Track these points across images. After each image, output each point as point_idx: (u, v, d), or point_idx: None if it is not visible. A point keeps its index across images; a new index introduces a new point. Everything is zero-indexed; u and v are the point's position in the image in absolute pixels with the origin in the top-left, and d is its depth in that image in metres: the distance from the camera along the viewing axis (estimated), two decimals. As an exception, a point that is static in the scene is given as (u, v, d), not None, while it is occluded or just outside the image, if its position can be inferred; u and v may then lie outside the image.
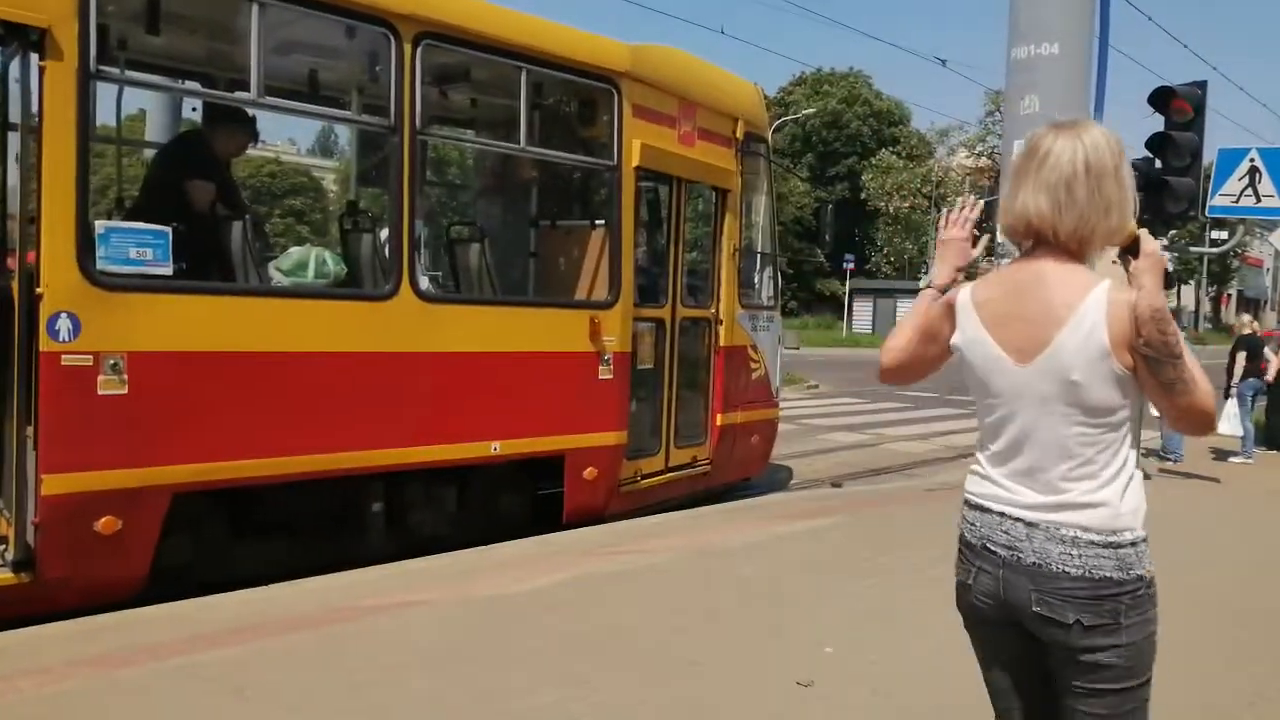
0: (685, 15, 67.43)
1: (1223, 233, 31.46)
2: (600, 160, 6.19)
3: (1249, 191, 9.43)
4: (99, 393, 3.96)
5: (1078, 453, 1.75)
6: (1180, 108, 7.72)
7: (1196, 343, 23.78)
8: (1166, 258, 1.88)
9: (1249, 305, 56.72)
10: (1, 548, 4.09)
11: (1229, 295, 63.99)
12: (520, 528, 5.80)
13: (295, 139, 50.36)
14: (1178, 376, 1.69)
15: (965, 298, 1.90)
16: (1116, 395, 1.73)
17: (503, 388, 5.44)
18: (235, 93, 5.58)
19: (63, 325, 3.85)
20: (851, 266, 40.19)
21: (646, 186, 6.66)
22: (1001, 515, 1.82)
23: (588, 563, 5.15)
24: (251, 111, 5.11)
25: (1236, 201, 9.54)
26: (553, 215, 7.08)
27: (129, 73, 5.55)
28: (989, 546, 1.83)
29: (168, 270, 4.18)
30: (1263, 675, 3.92)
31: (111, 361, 3.98)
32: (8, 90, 4.66)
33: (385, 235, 5.27)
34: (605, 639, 4.03)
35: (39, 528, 3.91)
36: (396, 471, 5.08)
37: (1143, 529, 1.75)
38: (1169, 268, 1.95)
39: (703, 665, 3.74)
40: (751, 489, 8.17)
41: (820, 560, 5.47)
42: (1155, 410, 1.84)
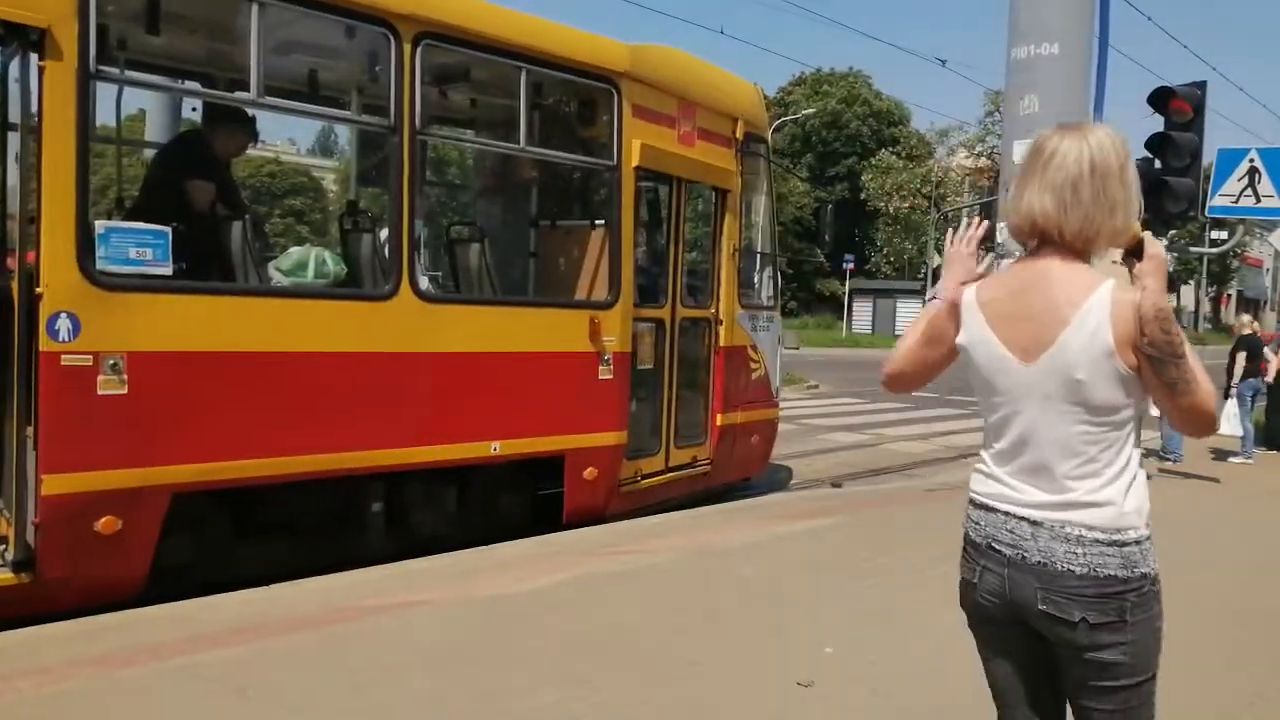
0: (685, 15, 67.57)
1: (1222, 233, 31.46)
2: (600, 160, 6.19)
3: (1249, 192, 9.43)
4: (99, 393, 3.96)
5: (1082, 451, 1.76)
6: (1180, 108, 7.72)
7: (1196, 343, 23.77)
8: (1169, 260, 1.89)
9: (1249, 305, 56.71)
10: (1, 548, 4.09)
11: (1229, 295, 64.01)
12: (520, 528, 5.80)
13: (295, 139, 50.45)
14: (1180, 376, 1.70)
15: (970, 297, 1.91)
16: (1120, 394, 1.74)
17: (503, 388, 5.44)
18: (235, 93, 5.59)
19: (62, 325, 3.85)
20: (851, 267, 40.21)
21: (646, 186, 6.66)
22: (1007, 514, 1.83)
23: (589, 563, 5.14)
24: (251, 111, 5.11)
25: (1236, 202, 9.55)
26: (553, 215, 7.08)
27: (129, 73, 5.55)
28: (994, 546, 1.84)
29: (167, 270, 4.18)
30: (1263, 675, 3.92)
31: (111, 361, 3.98)
32: (8, 90, 4.65)
33: (385, 235, 5.27)
34: (606, 639, 4.03)
35: (39, 528, 3.91)
36: (396, 472, 5.08)
37: (1146, 527, 1.77)
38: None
39: (703, 665, 3.74)
40: (751, 489, 8.17)
41: (820, 560, 5.48)
42: (1155, 410, 1.85)
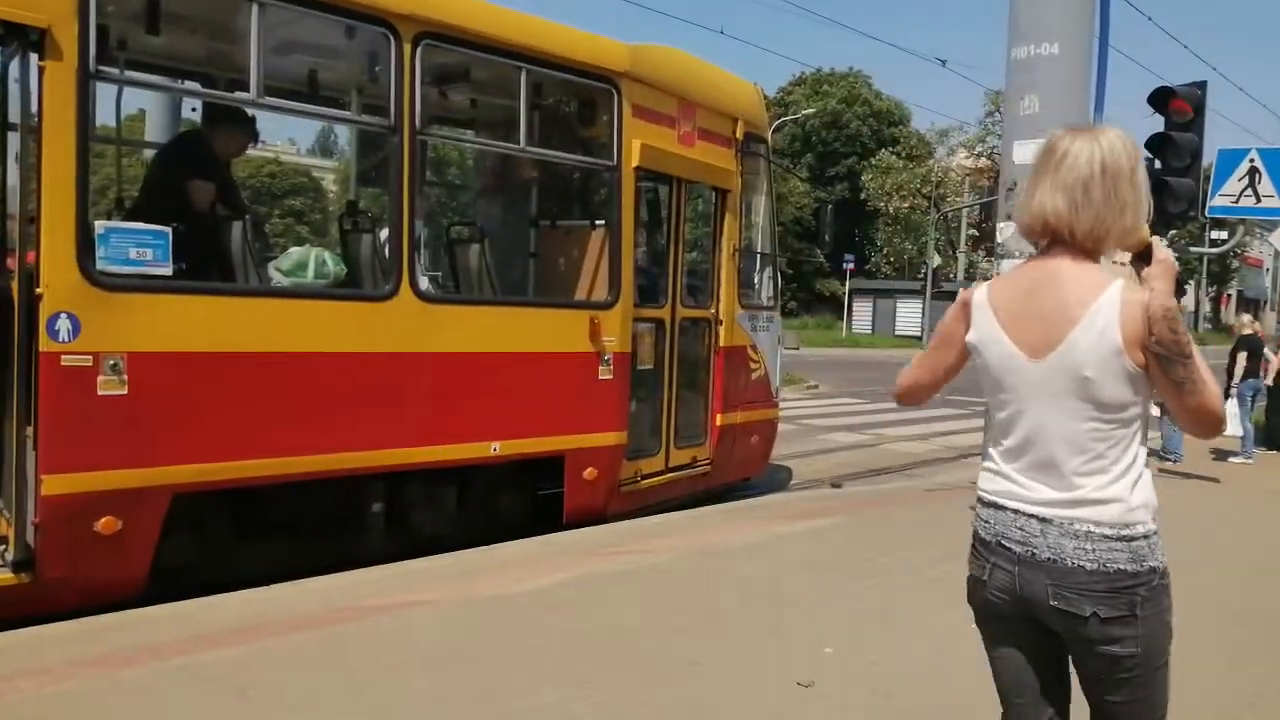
0: (685, 15, 67.63)
1: (1222, 233, 31.44)
2: (600, 160, 6.19)
3: (1249, 192, 9.44)
4: (99, 393, 3.96)
5: (1089, 448, 1.78)
6: (1180, 108, 7.71)
7: (1197, 343, 23.79)
8: (1177, 265, 1.93)
9: (1249, 305, 56.63)
10: (1, 548, 4.09)
11: (1229, 295, 64.01)
12: (520, 528, 5.80)
13: (295, 139, 50.44)
14: (1188, 376, 1.73)
15: (981, 296, 1.94)
16: (1128, 392, 1.77)
17: (503, 388, 5.44)
18: (235, 93, 5.58)
19: (62, 325, 3.85)
20: (851, 267, 40.19)
21: (646, 187, 6.66)
22: (1016, 512, 1.86)
23: (589, 563, 5.14)
24: (251, 111, 5.11)
25: (1236, 202, 9.55)
26: (553, 215, 7.08)
27: (129, 73, 5.55)
28: (1004, 543, 1.86)
29: (167, 270, 4.17)
30: (1263, 675, 3.92)
31: (111, 362, 3.98)
32: (8, 90, 4.65)
33: (385, 235, 5.27)
34: (606, 639, 4.03)
35: (39, 528, 3.90)
36: (396, 472, 5.08)
37: (1154, 521, 1.79)
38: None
39: (703, 665, 3.74)
40: (751, 489, 8.17)
41: (820, 560, 5.47)
42: (1155, 410, 1.87)
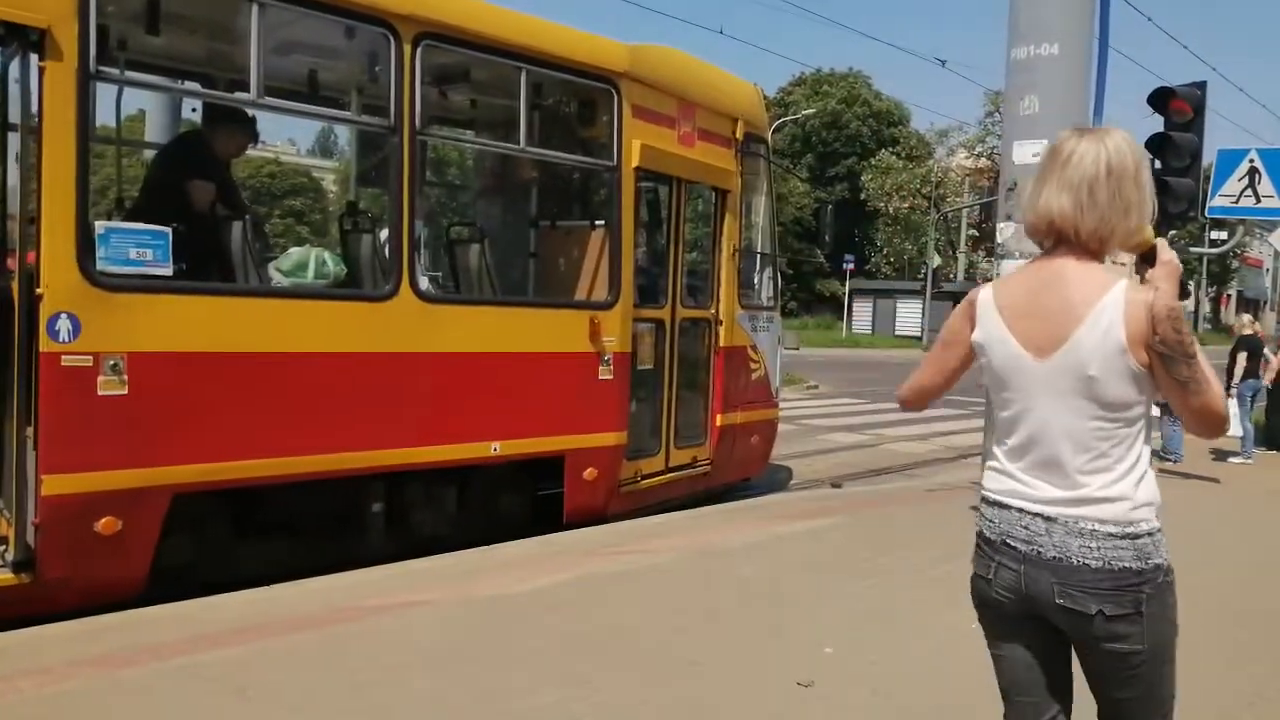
0: (684, 15, 67.68)
1: (1222, 233, 31.44)
2: (600, 161, 6.19)
3: (1249, 192, 9.44)
4: (99, 393, 3.96)
5: (1093, 446, 1.80)
6: (1179, 108, 7.71)
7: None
8: (1181, 266, 1.95)
9: (1249, 306, 56.62)
10: (2, 548, 4.09)
11: (1229, 296, 63.98)
12: (520, 528, 5.80)
13: (295, 139, 50.43)
14: (1191, 376, 1.74)
15: (986, 295, 1.95)
16: (1132, 391, 1.78)
17: (503, 388, 5.44)
18: (235, 93, 5.59)
19: (63, 326, 3.85)
20: (851, 267, 40.18)
21: (646, 187, 6.66)
22: (1021, 511, 1.87)
23: (590, 563, 5.15)
24: (251, 112, 5.11)
25: (1236, 202, 9.55)
26: (552, 216, 7.08)
27: (129, 73, 5.55)
28: (1009, 542, 1.87)
29: (168, 271, 4.18)
30: (1262, 675, 3.92)
31: (111, 362, 3.98)
32: (8, 90, 4.65)
33: (385, 236, 5.27)
34: (606, 639, 4.03)
35: (39, 528, 3.90)
36: (396, 472, 5.08)
37: (1157, 519, 1.81)
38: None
39: (703, 665, 3.74)
40: (751, 489, 8.17)
41: (820, 560, 5.47)
42: (1155, 410, 1.88)
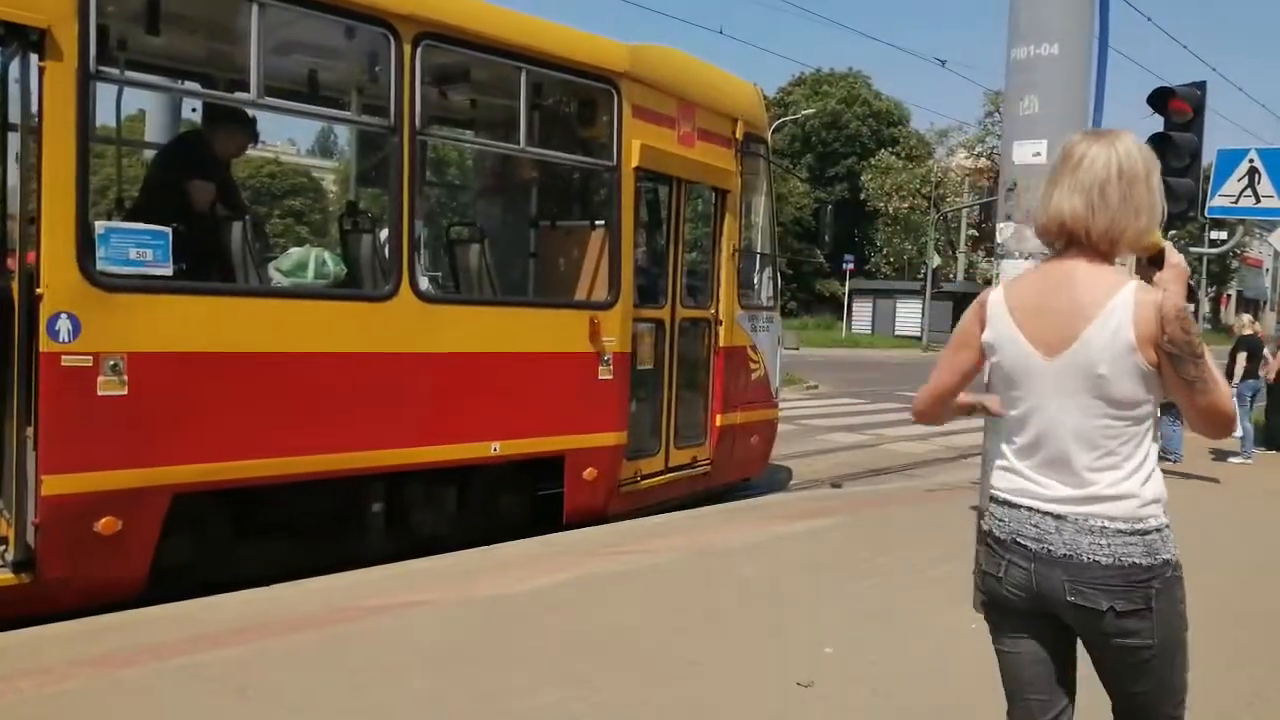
0: (684, 15, 67.66)
1: (1222, 233, 31.40)
2: (600, 161, 6.19)
3: (1248, 192, 9.44)
4: (99, 393, 3.96)
5: (1102, 444, 1.83)
6: (1179, 108, 7.71)
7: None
8: (1188, 269, 1.98)
9: (1248, 306, 56.58)
10: (2, 548, 4.09)
11: (1228, 296, 63.99)
12: (520, 528, 5.80)
13: (295, 139, 50.44)
14: (1199, 375, 1.77)
15: (998, 296, 1.98)
16: (1141, 389, 1.81)
17: (503, 388, 5.44)
18: (235, 93, 5.59)
19: (63, 326, 3.85)
20: (851, 267, 40.18)
21: (646, 187, 6.66)
22: (1030, 510, 1.89)
23: (590, 563, 5.15)
24: (251, 112, 5.11)
25: (1236, 202, 9.55)
26: (552, 216, 7.08)
27: (129, 73, 5.55)
28: (1019, 540, 1.89)
29: (168, 271, 4.18)
30: (1262, 675, 3.92)
31: (111, 362, 3.98)
32: (8, 90, 4.65)
33: (385, 236, 5.27)
34: (606, 639, 4.03)
35: (39, 528, 3.90)
36: (396, 472, 5.08)
37: (1165, 515, 1.84)
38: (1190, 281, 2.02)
39: (703, 665, 3.75)
40: (751, 489, 8.17)
41: (820, 560, 5.48)
42: (1158, 410, 1.89)
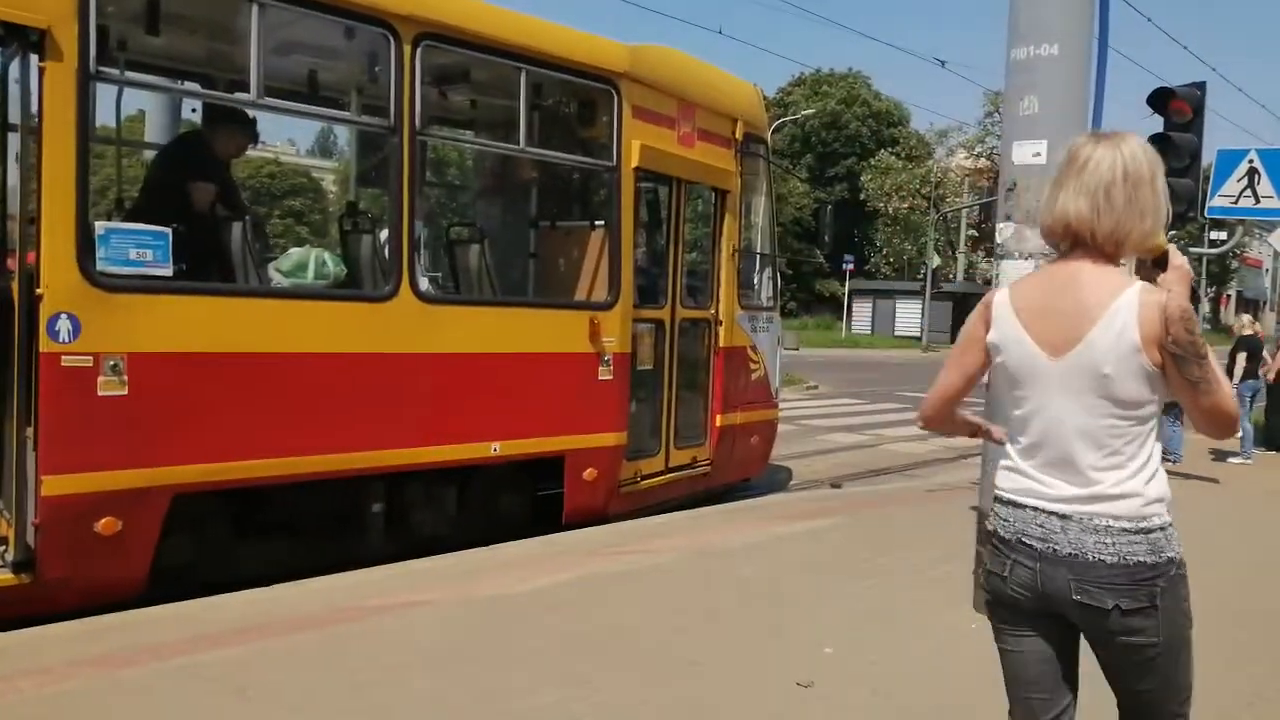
0: (684, 15, 67.68)
1: (1222, 233, 31.44)
2: (600, 161, 6.19)
3: (1248, 192, 9.44)
4: (99, 394, 3.96)
5: (1107, 443, 1.84)
6: (1179, 109, 7.71)
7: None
8: (1192, 272, 1.99)
9: (1248, 306, 56.60)
10: (2, 549, 4.09)
11: (1228, 296, 64.00)
12: (520, 528, 5.80)
13: (295, 139, 50.44)
14: (1203, 376, 1.79)
15: (1003, 297, 1.99)
16: (1145, 390, 1.82)
17: (503, 388, 5.44)
18: (235, 93, 5.59)
19: (63, 326, 3.85)
20: (851, 267, 40.16)
21: (646, 187, 6.66)
22: (1035, 510, 1.90)
23: (590, 563, 5.15)
24: (251, 112, 5.11)
25: (1235, 202, 9.56)
26: (552, 216, 7.08)
27: (129, 73, 5.55)
28: (1024, 540, 1.90)
29: (168, 271, 4.18)
30: (1262, 675, 3.93)
31: (111, 362, 3.98)
32: (8, 90, 4.65)
33: (385, 236, 5.27)
34: (606, 639, 4.03)
35: (39, 528, 3.91)
36: (397, 472, 5.08)
37: (1169, 514, 1.86)
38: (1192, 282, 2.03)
39: (703, 665, 3.75)
40: (751, 489, 8.17)
41: (820, 561, 5.48)
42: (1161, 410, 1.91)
